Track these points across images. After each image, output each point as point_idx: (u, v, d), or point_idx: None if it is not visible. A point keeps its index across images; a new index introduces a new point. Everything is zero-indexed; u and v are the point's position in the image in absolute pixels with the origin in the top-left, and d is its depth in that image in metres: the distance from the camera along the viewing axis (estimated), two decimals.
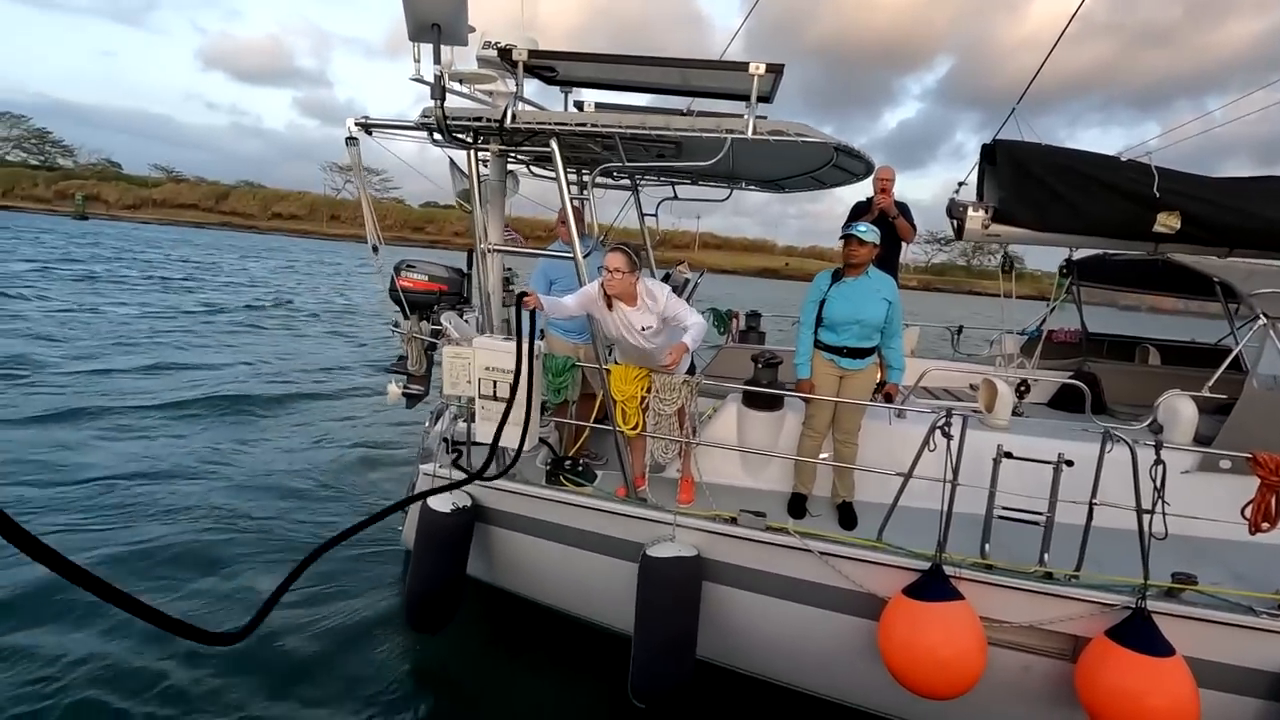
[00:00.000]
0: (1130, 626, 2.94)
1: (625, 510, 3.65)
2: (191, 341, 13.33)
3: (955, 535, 3.21)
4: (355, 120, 4.02)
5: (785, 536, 3.41)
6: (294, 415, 8.88)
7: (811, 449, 3.81)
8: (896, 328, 3.74)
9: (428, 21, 3.28)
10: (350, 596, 4.60)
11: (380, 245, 4.24)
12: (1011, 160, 4.54)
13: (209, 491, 6.07)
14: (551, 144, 3.59)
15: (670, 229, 37.22)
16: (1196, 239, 4.51)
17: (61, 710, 3.40)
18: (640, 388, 3.68)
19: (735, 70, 3.53)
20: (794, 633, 3.55)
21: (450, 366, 3.85)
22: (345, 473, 6.85)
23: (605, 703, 3.80)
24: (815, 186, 5.57)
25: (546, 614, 4.30)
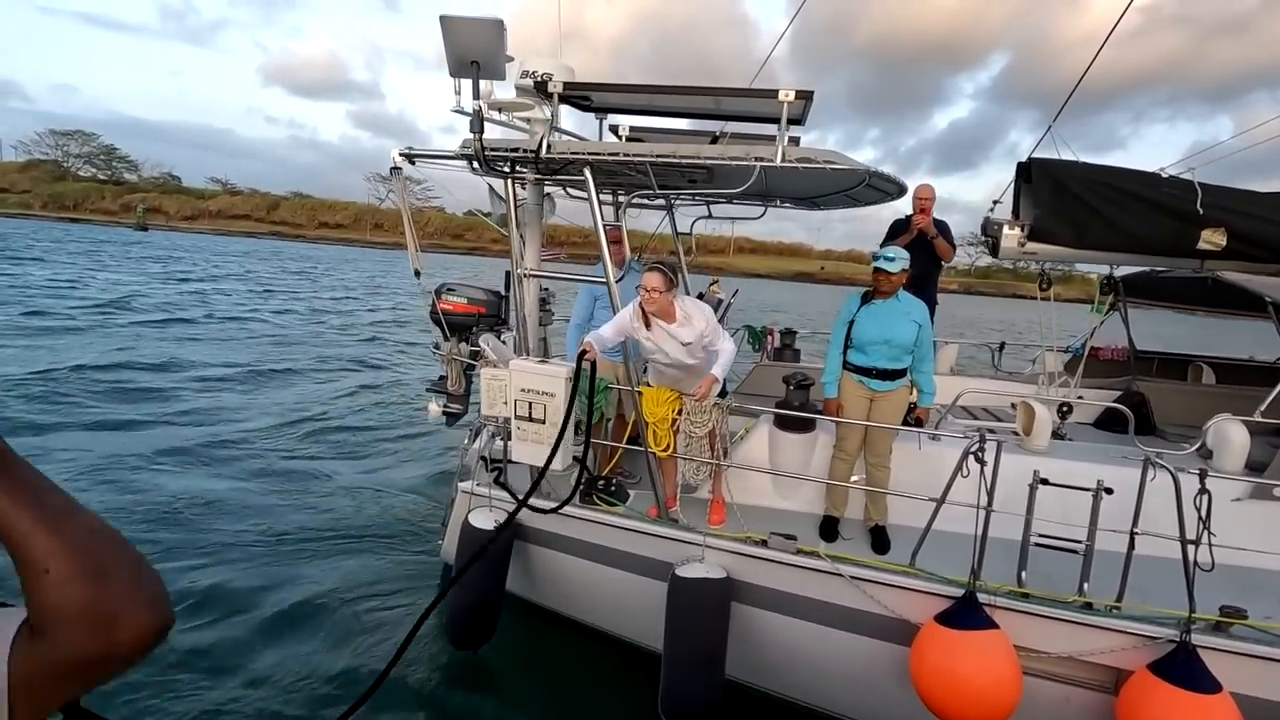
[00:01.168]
0: (1174, 661, 2.87)
1: (655, 530, 3.70)
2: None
3: (992, 562, 3.18)
4: (400, 151, 4.20)
5: (816, 560, 3.42)
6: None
7: (843, 471, 3.81)
8: (927, 351, 3.73)
9: (468, 59, 3.42)
10: (390, 610, 4.74)
11: (422, 269, 4.40)
12: (1048, 178, 4.47)
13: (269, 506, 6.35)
14: (585, 173, 3.69)
15: (708, 234, 36.15)
16: (1245, 255, 4.37)
17: None
18: (671, 410, 3.74)
19: (765, 97, 3.59)
20: (824, 656, 3.55)
21: (488, 388, 3.98)
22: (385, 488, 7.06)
23: (637, 712, 3.85)
24: (850, 205, 5.57)
25: (582, 630, 4.38)
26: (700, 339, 3.71)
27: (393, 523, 6.14)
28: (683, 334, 3.70)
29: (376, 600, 4.88)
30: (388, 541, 5.75)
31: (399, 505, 6.55)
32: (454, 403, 4.76)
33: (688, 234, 6.51)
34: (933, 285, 5.26)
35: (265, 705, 3.78)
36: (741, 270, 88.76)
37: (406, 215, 4.36)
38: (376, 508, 6.46)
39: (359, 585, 5.02)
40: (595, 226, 3.79)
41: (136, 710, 3.63)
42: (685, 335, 3.70)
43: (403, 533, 5.94)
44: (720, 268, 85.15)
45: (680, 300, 3.72)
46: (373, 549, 5.64)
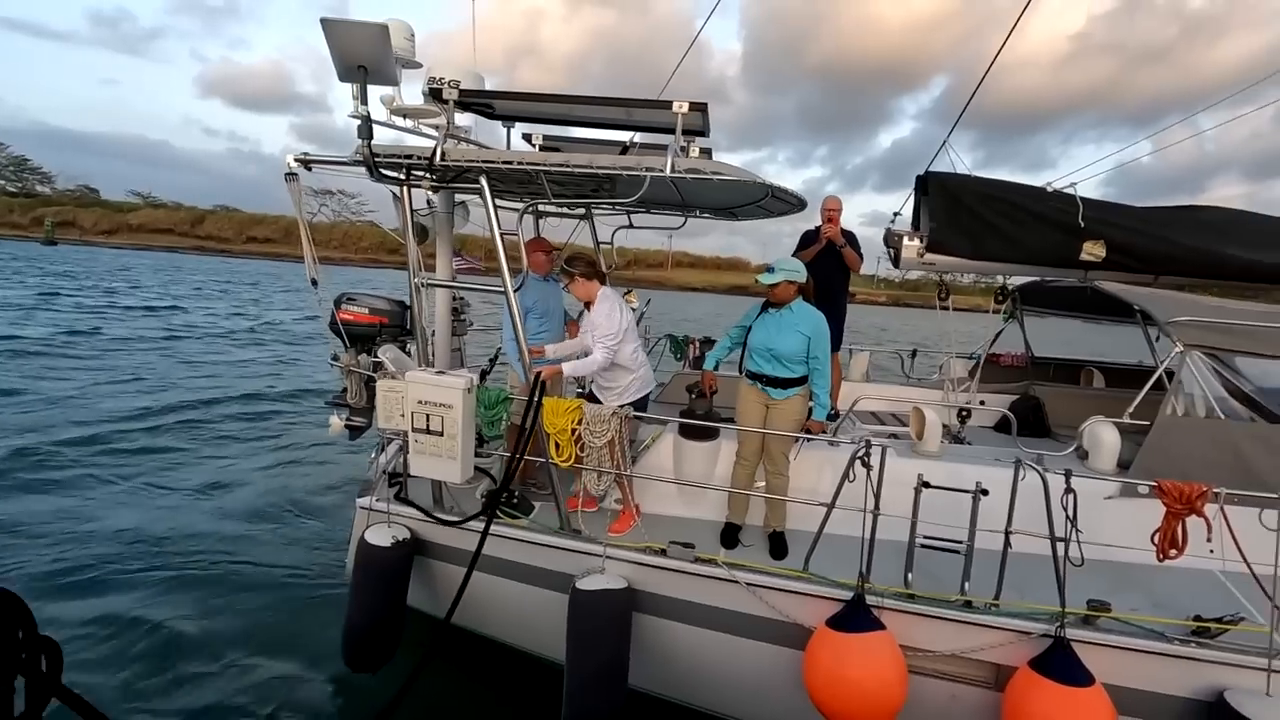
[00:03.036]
0: (1051, 656, 2.98)
1: (555, 542, 3.65)
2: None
3: (886, 565, 3.25)
4: (294, 156, 4.06)
5: (713, 568, 3.43)
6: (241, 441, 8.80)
7: (744, 478, 3.85)
8: (822, 364, 3.79)
9: (354, 64, 3.34)
10: (287, 634, 4.54)
11: (319, 279, 4.25)
12: (944, 191, 4.66)
13: (152, 520, 5.99)
14: (481, 181, 3.64)
15: (647, 248, 36.67)
16: (1123, 266, 4.64)
17: None
18: (572, 420, 3.70)
19: (660, 108, 3.62)
20: (724, 663, 3.55)
21: (384, 400, 3.86)
22: (289, 505, 6.77)
23: None
24: (764, 215, 5.68)
25: (485, 644, 4.27)
26: (592, 328, 4.14)
27: (300, 542, 5.89)
28: (588, 319, 4.23)
29: (281, 623, 4.67)
30: (290, 566, 5.51)
31: (306, 524, 6.30)
32: (357, 416, 4.61)
33: (608, 244, 6.52)
34: (842, 295, 5.39)
35: None
36: (678, 284, 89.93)
37: (303, 223, 4.20)
38: (283, 526, 6.19)
39: (261, 610, 4.80)
40: (492, 234, 3.74)
41: None
42: (587, 320, 4.24)
43: (309, 552, 5.71)
44: (658, 281, 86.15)
45: (603, 292, 4.22)
46: (278, 570, 5.39)
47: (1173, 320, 3.96)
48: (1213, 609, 3.19)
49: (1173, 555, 3.07)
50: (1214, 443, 3.79)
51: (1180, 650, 3.02)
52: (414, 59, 4.13)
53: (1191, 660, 3.03)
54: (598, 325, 4.09)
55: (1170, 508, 3.04)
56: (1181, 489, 3.02)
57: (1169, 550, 3.08)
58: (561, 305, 5.52)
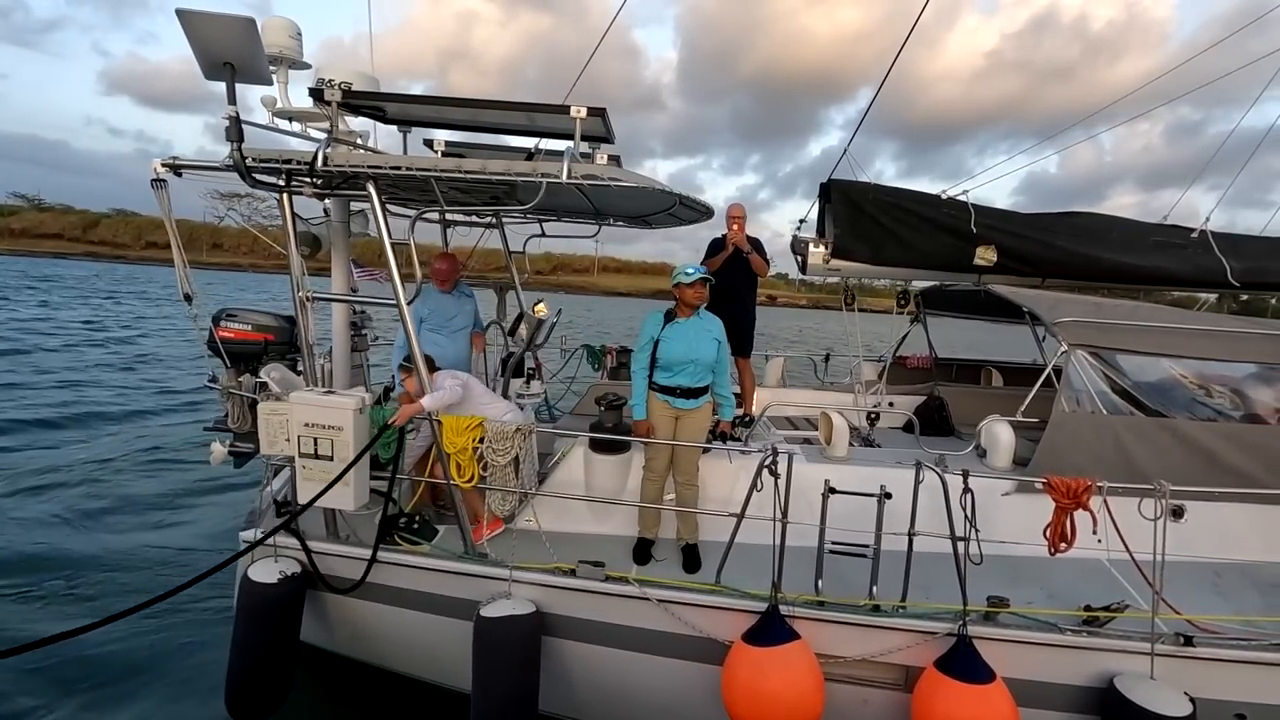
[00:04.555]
0: (955, 655, 3.02)
1: (457, 568, 3.46)
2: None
3: (800, 572, 3.23)
4: (161, 161, 3.71)
5: (624, 586, 3.33)
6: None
7: (653, 492, 3.76)
8: (724, 366, 3.80)
9: (219, 60, 3.06)
10: (165, 685, 4.14)
11: (194, 294, 3.91)
12: (845, 199, 4.75)
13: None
14: (369, 187, 3.42)
15: (573, 253, 36.56)
16: (1013, 270, 4.85)
17: None
18: (473, 439, 3.52)
19: (559, 113, 3.51)
20: (640, 683, 3.45)
21: (267, 424, 3.57)
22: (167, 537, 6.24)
23: None
24: (676, 223, 5.65)
25: (388, 675, 4.02)
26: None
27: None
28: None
29: (160, 672, 4.25)
30: (170, 607, 5.04)
31: (191, 556, 5.81)
32: (241, 441, 4.26)
33: (520, 252, 6.35)
34: (750, 299, 5.41)
35: None
36: (603, 288, 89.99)
37: (173, 232, 3.86)
38: (162, 562, 5.68)
39: (138, 660, 4.35)
40: (382, 242, 3.52)
41: None
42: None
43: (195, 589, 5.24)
44: (583, 286, 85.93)
45: (438, 375, 3.83)
46: (159, 615, 4.92)
47: (1058, 320, 4.15)
48: (1101, 598, 3.33)
49: (1063, 548, 3.18)
50: (1100, 437, 3.98)
51: (1072, 640, 3.12)
52: (301, 59, 3.87)
53: (1082, 649, 3.14)
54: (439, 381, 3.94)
55: (1059, 503, 3.14)
56: (1069, 484, 3.13)
57: (1059, 543, 3.18)
58: (470, 318, 5.32)
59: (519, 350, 5.24)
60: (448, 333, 5.02)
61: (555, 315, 5.35)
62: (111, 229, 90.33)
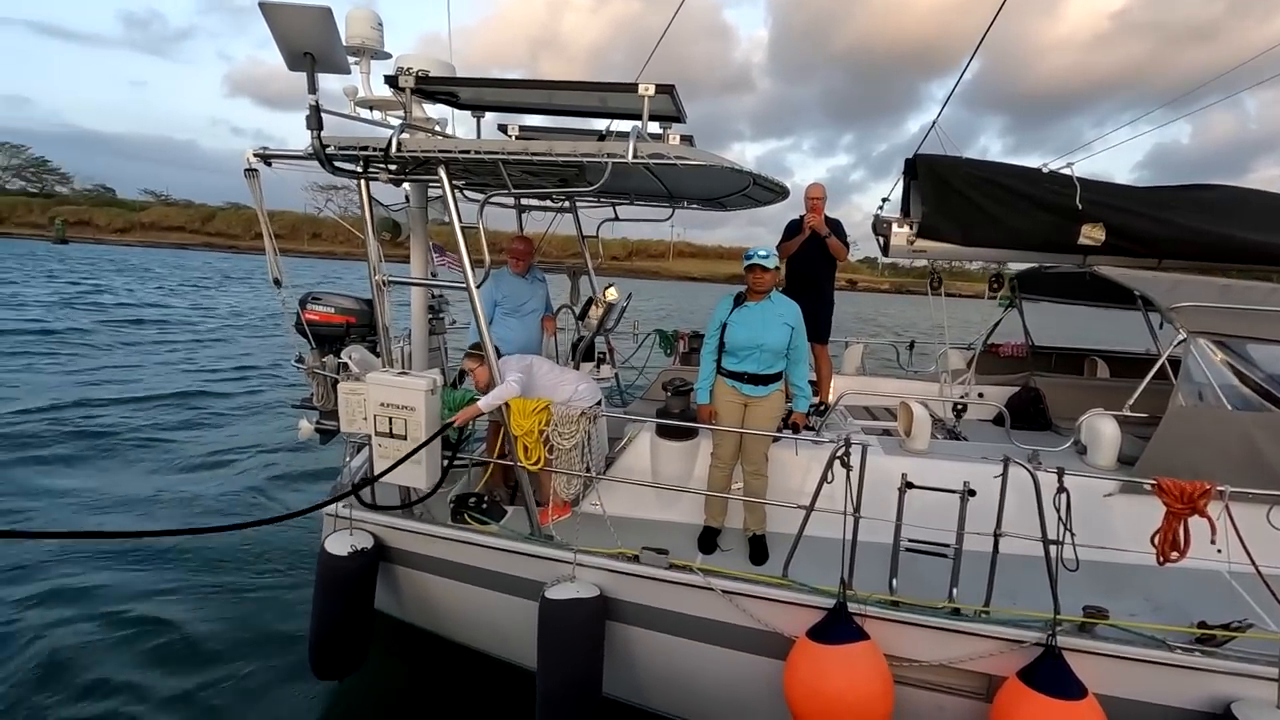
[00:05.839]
0: (1041, 667, 2.80)
1: (524, 549, 3.49)
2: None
3: (871, 569, 3.08)
4: (253, 151, 3.91)
5: (688, 574, 3.27)
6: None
7: (720, 480, 3.67)
8: (801, 354, 3.62)
9: (300, 50, 3.17)
10: (262, 639, 4.43)
11: (283, 279, 4.11)
12: (933, 175, 4.44)
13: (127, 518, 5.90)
14: (440, 171, 3.47)
15: (651, 239, 36.53)
16: (1124, 250, 4.41)
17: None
18: (539, 422, 3.54)
19: (626, 91, 3.44)
20: (701, 673, 3.39)
21: (346, 403, 3.72)
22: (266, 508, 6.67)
23: None
24: (751, 204, 5.49)
25: (458, 648, 4.15)
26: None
27: (276, 546, 5.78)
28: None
29: (257, 628, 4.55)
30: (268, 570, 5.40)
31: (285, 527, 6.18)
32: (327, 419, 4.47)
33: (593, 236, 6.35)
34: (828, 284, 5.19)
35: None
36: (676, 274, 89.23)
37: (264, 221, 4.05)
38: (259, 530, 6.08)
39: (236, 615, 4.69)
40: (453, 226, 3.57)
41: None
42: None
43: (288, 555, 5.60)
44: (656, 271, 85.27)
45: (502, 361, 3.86)
46: (254, 576, 5.29)
47: (1175, 305, 3.74)
48: (1219, 614, 2.99)
49: (1174, 557, 2.88)
50: (1224, 435, 3.57)
51: (1182, 659, 2.83)
52: (382, 49, 3.97)
53: (1195, 670, 2.83)
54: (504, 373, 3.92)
55: (1171, 507, 2.84)
56: (1183, 487, 2.82)
57: (1170, 552, 2.88)
58: (541, 302, 5.36)
59: (589, 334, 5.23)
60: (519, 317, 5.07)
61: (625, 300, 5.31)
62: (226, 221, 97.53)
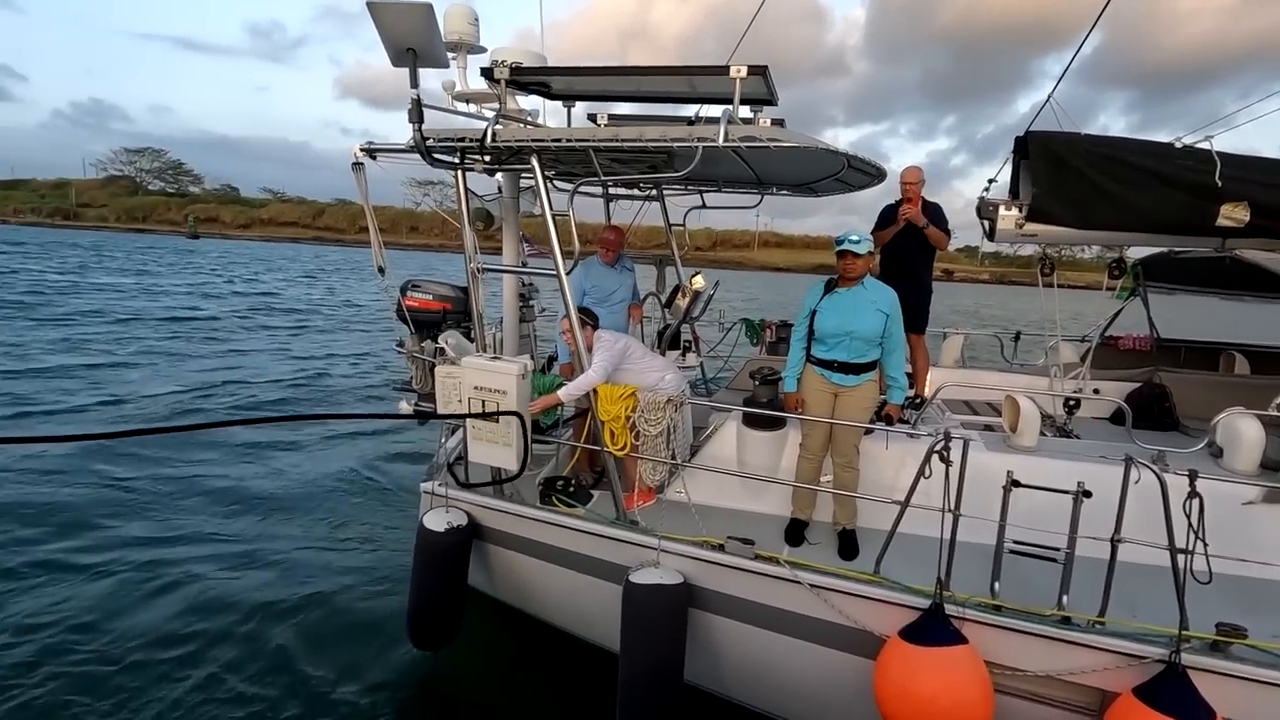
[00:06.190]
0: (1162, 685, 2.58)
1: (608, 533, 3.54)
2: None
3: (970, 571, 2.93)
4: (360, 147, 4.12)
5: (774, 566, 3.21)
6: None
7: (809, 471, 3.58)
8: (898, 342, 3.46)
9: (403, 46, 3.31)
10: (363, 611, 4.70)
11: (386, 267, 4.32)
12: (1046, 152, 4.11)
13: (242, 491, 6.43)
14: (532, 160, 3.54)
15: (734, 229, 35.74)
16: (1272, 231, 3.94)
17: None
18: (626, 408, 3.57)
19: (717, 74, 3.38)
20: (786, 667, 3.34)
21: (442, 386, 3.88)
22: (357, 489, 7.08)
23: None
24: (844, 189, 5.31)
25: (545, 628, 4.26)
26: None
27: (379, 520, 6.14)
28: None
29: (358, 600, 4.84)
30: (371, 543, 5.73)
31: (393, 501, 6.56)
32: (424, 402, 4.68)
33: (680, 225, 6.33)
34: (926, 273, 4.93)
35: (227, 693, 3.82)
36: (761, 264, 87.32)
37: (369, 212, 4.26)
38: (364, 505, 6.48)
39: (340, 586, 4.99)
40: (544, 214, 3.64)
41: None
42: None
43: (389, 531, 5.93)
44: (741, 262, 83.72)
45: (599, 335, 3.92)
46: (357, 548, 5.63)
47: None
48: None
49: None
50: None
51: None
52: (478, 44, 4.10)
53: None
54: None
55: None
56: None
57: None
58: (629, 291, 5.40)
59: (675, 322, 5.23)
60: (607, 306, 5.13)
61: (712, 287, 5.27)
62: (333, 216, 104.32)
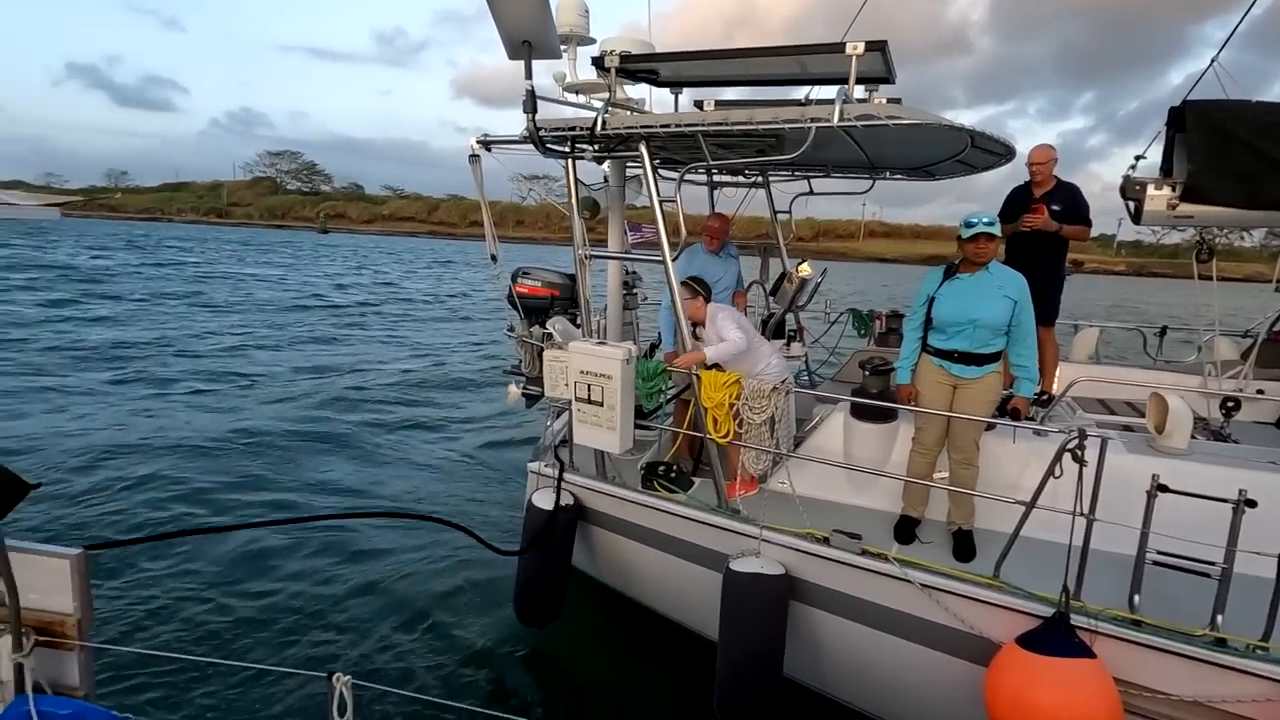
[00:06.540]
0: None
1: (710, 520, 3.53)
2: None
3: (1099, 581, 2.71)
4: (476, 139, 4.31)
5: (883, 563, 3.10)
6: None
7: (921, 467, 3.41)
8: (1027, 330, 3.21)
9: (519, 39, 3.42)
10: (472, 587, 4.93)
11: (499, 255, 4.51)
12: (1206, 123, 3.68)
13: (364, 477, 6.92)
14: (640, 148, 3.57)
15: (837, 219, 34.41)
16: None
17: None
18: (730, 395, 3.54)
19: (832, 53, 3.27)
20: (891, 667, 3.21)
21: (550, 370, 4.00)
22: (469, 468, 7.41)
23: (694, 708, 3.74)
24: (966, 171, 5.01)
25: (647, 611, 4.32)
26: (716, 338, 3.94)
27: (491, 498, 6.44)
28: (707, 336, 3.99)
29: (469, 576, 5.09)
30: (485, 521, 6.01)
31: (508, 481, 6.87)
32: (533, 385, 4.85)
33: (786, 213, 6.19)
34: (1058, 262, 4.54)
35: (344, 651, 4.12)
36: (866, 255, 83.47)
37: (484, 203, 4.46)
38: (479, 484, 6.80)
39: (451, 562, 5.26)
40: (650, 201, 3.67)
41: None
42: (708, 337, 3.99)
43: (503, 510, 6.21)
44: (844, 252, 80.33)
45: (712, 309, 4.02)
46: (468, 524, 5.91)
47: None
48: None
49: None
50: None
51: None
52: (588, 35, 4.18)
53: None
54: (716, 330, 3.99)
55: None
56: None
57: None
58: (733, 279, 5.34)
59: (780, 311, 5.13)
60: (712, 295, 5.10)
61: (820, 275, 5.11)
62: (446, 211, 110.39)
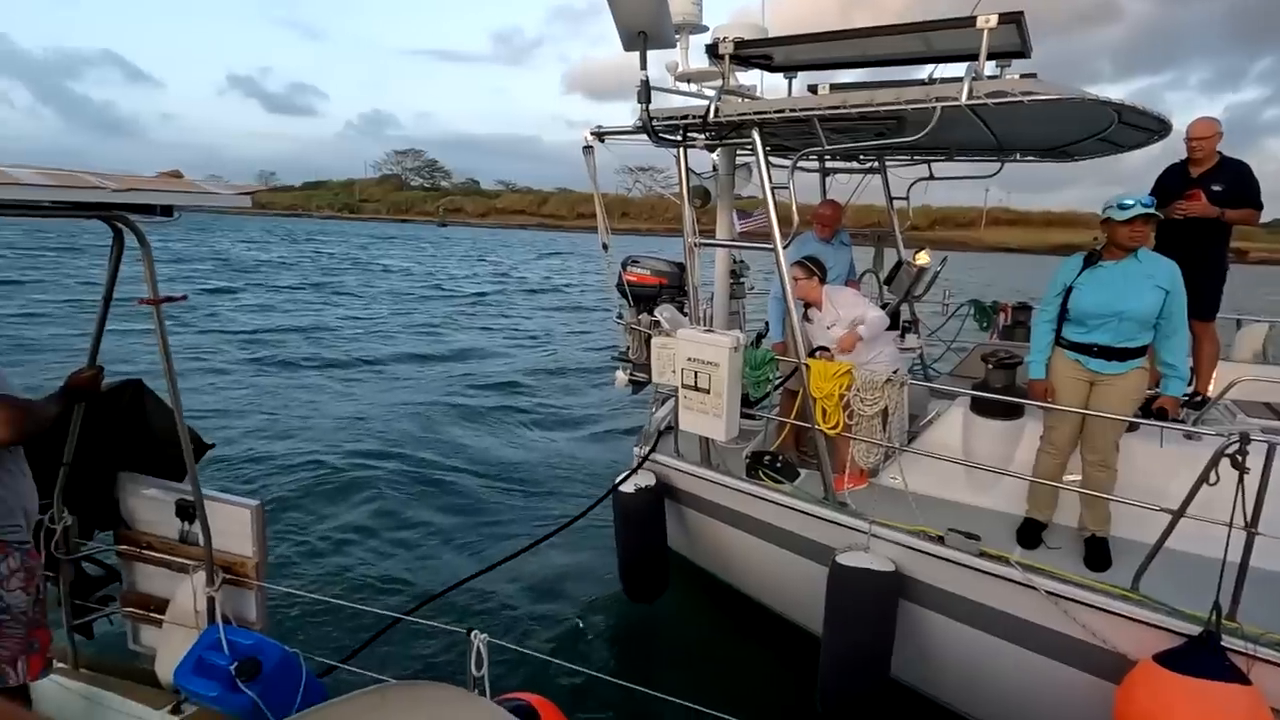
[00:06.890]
0: None
1: (816, 512, 3.48)
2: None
3: (1260, 600, 2.46)
4: (591, 131, 4.44)
5: (1003, 567, 2.94)
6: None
7: (1050, 468, 3.18)
8: (1178, 324, 2.91)
9: (635, 29, 3.48)
10: (587, 565, 5.11)
11: (610, 245, 4.63)
12: None
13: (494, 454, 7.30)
14: (753, 134, 3.55)
15: (953, 206, 32.18)
16: None
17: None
18: (841, 385, 3.46)
19: (962, 27, 3.10)
20: (1007, 676, 3.05)
21: (658, 356, 4.07)
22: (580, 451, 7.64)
23: (797, 702, 3.70)
24: (1110, 150, 4.62)
25: (747, 598, 4.32)
26: (840, 321, 3.97)
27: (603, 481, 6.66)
28: (825, 318, 4.03)
29: (586, 555, 5.26)
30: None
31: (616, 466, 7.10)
32: (639, 371, 4.95)
33: (903, 199, 5.92)
34: (1217, 248, 4.07)
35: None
36: (988, 244, 77.46)
37: (597, 193, 4.59)
38: (589, 468, 7.05)
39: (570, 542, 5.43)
40: (763, 191, 3.64)
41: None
42: (828, 319, 4.02)
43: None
44: (964, 242, 74.87)
45: (829, 290, 4.07)
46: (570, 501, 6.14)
47: None
48: None
49: None
50: None
51: None
52: (701, 24, 4.19)
53: None
54: (851, 313, 3.99)
55: None
56: None
57: None
58: (845, 268, 5.20)
59: (895, 300, 4.94)
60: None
61: (939, 264, 4.87)
62: (555, 204, 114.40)
